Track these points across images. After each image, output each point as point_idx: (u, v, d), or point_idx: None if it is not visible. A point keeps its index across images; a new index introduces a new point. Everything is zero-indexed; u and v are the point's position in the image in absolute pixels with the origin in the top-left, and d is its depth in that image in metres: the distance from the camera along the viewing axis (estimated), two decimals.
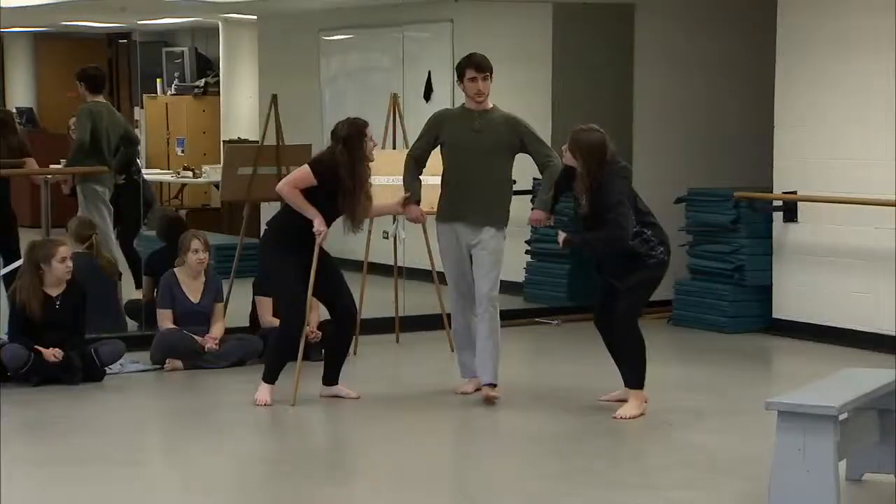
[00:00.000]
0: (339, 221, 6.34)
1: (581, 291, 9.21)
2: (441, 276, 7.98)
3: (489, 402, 6.27)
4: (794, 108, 8.29)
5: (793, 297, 8.37)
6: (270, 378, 6.23)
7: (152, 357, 7.22)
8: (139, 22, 13.85)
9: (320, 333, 7.33)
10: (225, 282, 7.40)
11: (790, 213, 8.38)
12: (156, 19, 13.97)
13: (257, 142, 9.44)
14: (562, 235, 6.01)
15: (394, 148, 7.98)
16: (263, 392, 6.19)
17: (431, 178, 6.59)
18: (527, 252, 9.61)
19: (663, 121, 9.29)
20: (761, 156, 8.64)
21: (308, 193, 6.12)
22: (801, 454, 4.37)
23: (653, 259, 6.03)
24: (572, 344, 8.11)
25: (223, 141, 13.77)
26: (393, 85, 10.02)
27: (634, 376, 6.05)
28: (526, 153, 6.34)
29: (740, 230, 8.54)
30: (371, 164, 6.26)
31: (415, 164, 6.43)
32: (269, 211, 5.81)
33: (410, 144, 8.29)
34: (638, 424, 5.99)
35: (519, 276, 9.50)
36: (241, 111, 13.68)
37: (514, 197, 7.93)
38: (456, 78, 6.36)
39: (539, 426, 5.95)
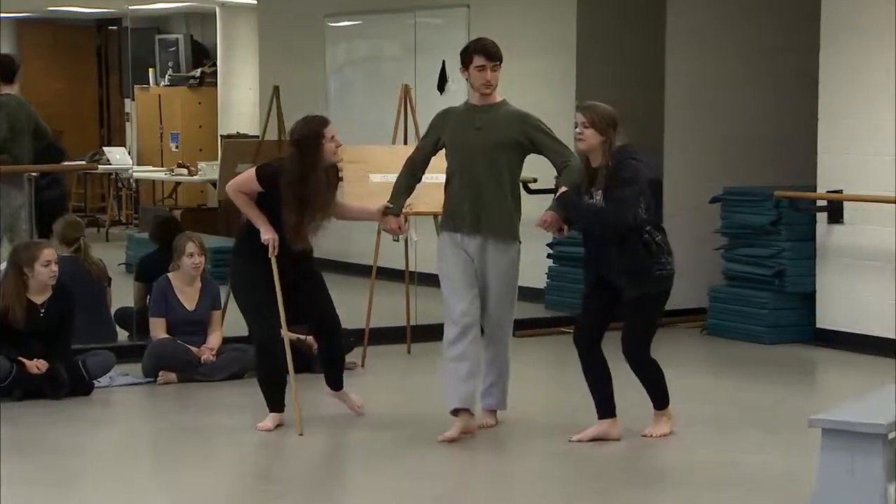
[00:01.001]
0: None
1: None
2: None
3: (486, 427, 6.09)
4: (839, 100, 8.27)
5: (838, 306, 8.35)
6: (270, 406, 6.09)
7: (144, 369, 7.24)
8: (130, 7, 13.91)
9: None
10: (222, 288, 7.42)
11: (835, 213, 8.35)
12: (148, 4, 14.03)
13: (257, 137, 9.48)
14: (548, 214, 5.75)
15: (405, 143, 7.99)
16: (267, 419, 6.08)
17: (435, 176, 6.37)
18: (549, 256, 9.61)
19: (698, 114, 9.26)
20: (804, 152, 8.63)
21: (264, 198, 5.94)
22: (849, 475, 4.36)
23: (658, 270, 5.70)
24: None
25: (221, 136, 13.83)
26: (404, 75, 10.04)
27: (660, 397, 5.97)
28: (538, 154, 6.00)
29: (781, 232, 8.52)
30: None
31: (411, 169, 6.11)
32: None
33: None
34: (669, 442, 5.99)
35: (540, 281, 9.50)
36: (240, 104, 13.73)
37: (535, 196, 7.94)
38: (460, 66, 6.00)
39: (565, 445, 5.94)
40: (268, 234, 5.90)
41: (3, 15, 16.30)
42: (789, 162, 9.15)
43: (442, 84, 10.42)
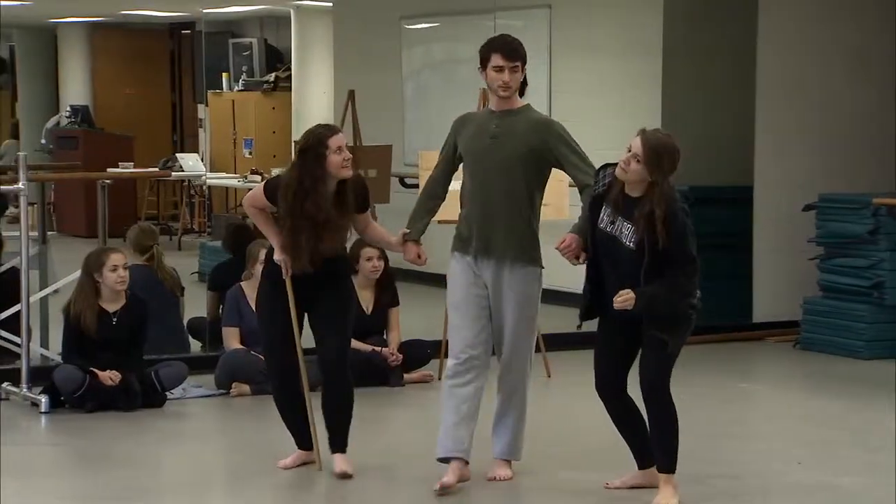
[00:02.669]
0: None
1: None
2: None
3: (499, 480, 5.44)
4: None
5: None
6: (296, 441, 5.69)
7: (217, 381, 7.26)
8: (204, 10, 14.03)
9: (400, 356, 7.32)
10: None
11: None
12: (222, 7, 14.14)
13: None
14: (626, 296, 4.95)
15: None
16: (291, 456, 5.69)
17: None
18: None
19: (791, 117, 9.10)
20: None
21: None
22: None
23: (693, 313, 5.15)
24: (685, 369, 7.96)
25: (294, 142, 13.85)
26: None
27: (669, 458, 5.14)
28: (559, 168, 5.39)
29: (880, 242, 8.37)
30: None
31: (431, 188, 5.51)
32: None
33: None
34: (761, 463, 5.86)
35: (578, 289, 9.39)
36: (315, 108, 13.75)
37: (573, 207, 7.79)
38: (478, 65, 5.41)
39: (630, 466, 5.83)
40: (279, 254, 5.48)
41: (74, 19, 16.57)
42: (889, 167, 8.96)
43: (522, 87, 10.34)
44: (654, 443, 5.16)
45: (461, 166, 5.50)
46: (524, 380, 5.41)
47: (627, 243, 5.01)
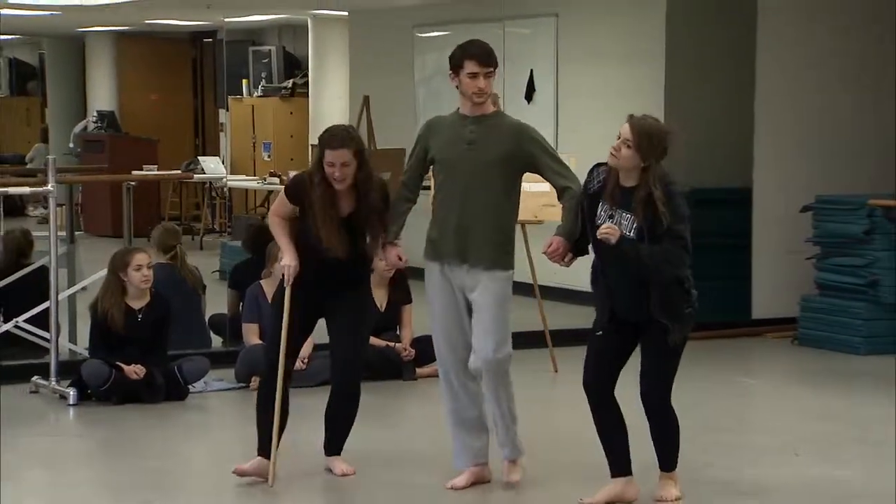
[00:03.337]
0: None
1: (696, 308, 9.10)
2: (544, 290, 7.90)
3: (510, 485, 5.26)
4: None
5: None
6: (259, 447, 5.36)
7: (237, 374, 7.24)
8: (225, 20, 14.04)
9: (413, 352, 7.29)
10: None
11: None
12: (242, 17, 14.13)
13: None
14: (612, 229, 4.81)
15: None
16: (250, 462, 5.37)
17: (535, 185, 6.07)
18: None
19: (789, 123, 9.04)
20: None
21: (304, 218, 5.30)
22: None
23: (689, 307, 4.94)
24: (686, 364, 7.92)
25: (312, 145, 13.84)
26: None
27: (671, 459, 5.04)
28: (535, 172, 5.19)
29: (875, 241, 8.30)
30: None
31: (403, 193, 5.31)
32: None
33: None
34: (766, 456, 5.82)
35: (584, 287, 9.36)
36: (331, 113, 13.73)
37: None
38: (449, 70, 5.16)
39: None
40: (285, 261, 5.28)
41: (101, 28, 16.57)
42: (884, 169, 8.90)
43: (530, 93, 10.35)
44: (658, 445, 5.03)
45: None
46: (507, 378, 5.21)
47: (628, 234, 4.82)
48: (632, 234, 4.82)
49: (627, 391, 5.02)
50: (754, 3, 8.98)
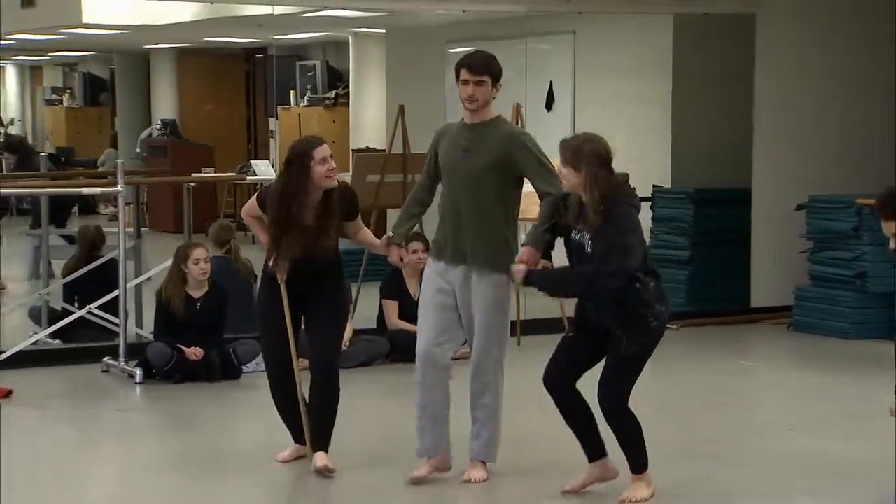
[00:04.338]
0: None
1: (699, 297, 9.07)
2: None
3: (469, 482, 4.90)
4: None
5: None
6: (292, 436, 5.24)
7: None
8: (275, 37, 14.05)
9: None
10: (353, 285, 7.40)
11: None
12: (290, 34, 14.15)
13: (385, 150, 9.46)
14: (519, 268, 4.53)
15: None
16: (287, 450, 5.23)
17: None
18: None
19: (785, 130, 8.99)
20: (891, 160, 8.32)
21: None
22: None
23: (653, 321, 4.50)
24: (691, 348, 7.94)
25: (352, 150, 13.88)
26: (515, 95, 9.91)
27: (639, 460, 4.69)
28: (524, 176, 4.86)
29: (863, 237, 8.24)
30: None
31: (416, 194, 5.07)
32: (395, 217, 5.53)
33: None
34: (765, 431, 5.78)
35: None
36: (370, 121, 13.75)
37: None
38: (455, 81, 4.92)
39: (666, 431, 5.77)
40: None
41: (164, 45, 16.64)
42: (873, 170, 8.84)
43: (549, 103, 10.31)
44: (623, 449, 4.67)
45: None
46: (495, 382, 4.92)
47: (587, 249, 4.51)
48: (589, 247, 4.50)
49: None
50: (753, 19, 8.93)
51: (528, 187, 4.91)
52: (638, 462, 4.67)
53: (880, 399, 6.25)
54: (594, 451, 4.76)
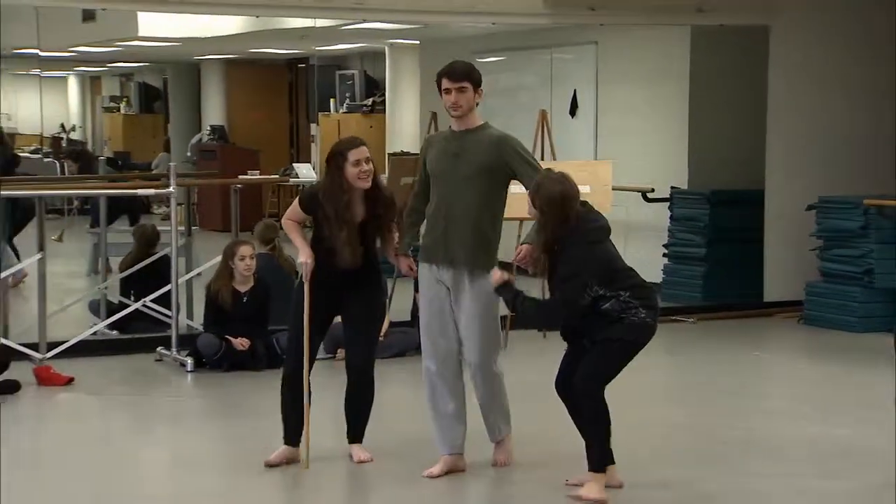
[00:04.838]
0: None
1: (715, 292, 9.04)
2: None
3: (499, 464, 4.88)
4: None
5: None
6: (285, 438, 5.05)
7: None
8: (316, 48, 14.11)
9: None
10: (389, 280, 7.43)
11: None
12: (330, 46, 14.21)
13: (418, 154, 9.49)
14: (498, 273, 4.52)
15: (542, 159, 7.90)
16: (276, 452, 5.05)
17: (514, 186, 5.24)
18: (664, 255, 9.41)
19: (796, 134, 8.95)
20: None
21: (317, 223, 4.97)
22: None
23: (632, 317, 4.43)
24: (707, 340, 7.91)
25: (388, 154, 13.93)
26: (541, 102, 9.94)
27: (596, 457, 4.45)
28: (516, 180, 4.79)
29: (870, 235, 8.19)
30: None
31: (415, 203, 4.96)
32: None
33: (557, 157, 8.24)
34: (774, 418, 5.76)
35: (657, 276, 9.31)
36: (405, 127, 13.79)
37: (653, 205, 7.69)
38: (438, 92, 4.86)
39: (684, 418, 5.78)
40: (302, 258, 4.90)
41: (214, 56, 16.76)
42: (878, 174, 8.78)
43: (573, 109, 10.30)
44: (587, 441, 4.47)
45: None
46: (490, 372, 4.83)
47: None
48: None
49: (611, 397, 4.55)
50: (767, 31, 8.88)
51: (516, 188, 4.85)
52: (598, 459, 4.45)
53: (885, 389, 6.24)
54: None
